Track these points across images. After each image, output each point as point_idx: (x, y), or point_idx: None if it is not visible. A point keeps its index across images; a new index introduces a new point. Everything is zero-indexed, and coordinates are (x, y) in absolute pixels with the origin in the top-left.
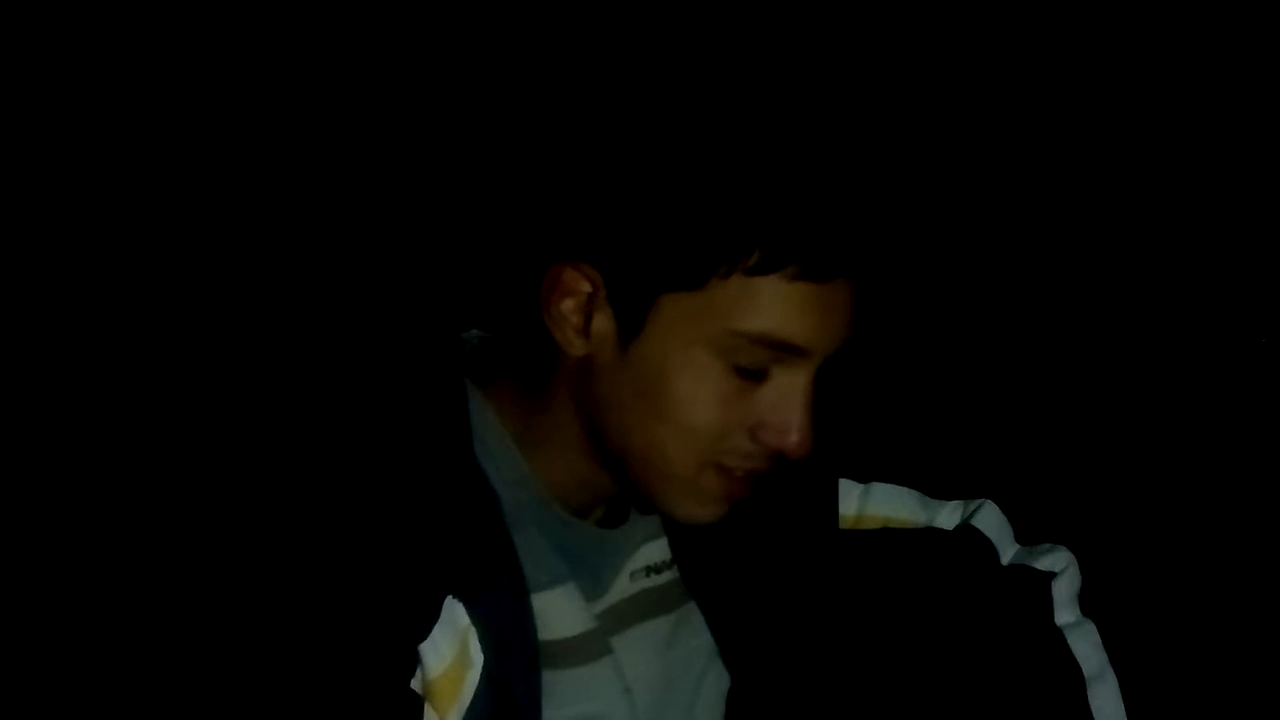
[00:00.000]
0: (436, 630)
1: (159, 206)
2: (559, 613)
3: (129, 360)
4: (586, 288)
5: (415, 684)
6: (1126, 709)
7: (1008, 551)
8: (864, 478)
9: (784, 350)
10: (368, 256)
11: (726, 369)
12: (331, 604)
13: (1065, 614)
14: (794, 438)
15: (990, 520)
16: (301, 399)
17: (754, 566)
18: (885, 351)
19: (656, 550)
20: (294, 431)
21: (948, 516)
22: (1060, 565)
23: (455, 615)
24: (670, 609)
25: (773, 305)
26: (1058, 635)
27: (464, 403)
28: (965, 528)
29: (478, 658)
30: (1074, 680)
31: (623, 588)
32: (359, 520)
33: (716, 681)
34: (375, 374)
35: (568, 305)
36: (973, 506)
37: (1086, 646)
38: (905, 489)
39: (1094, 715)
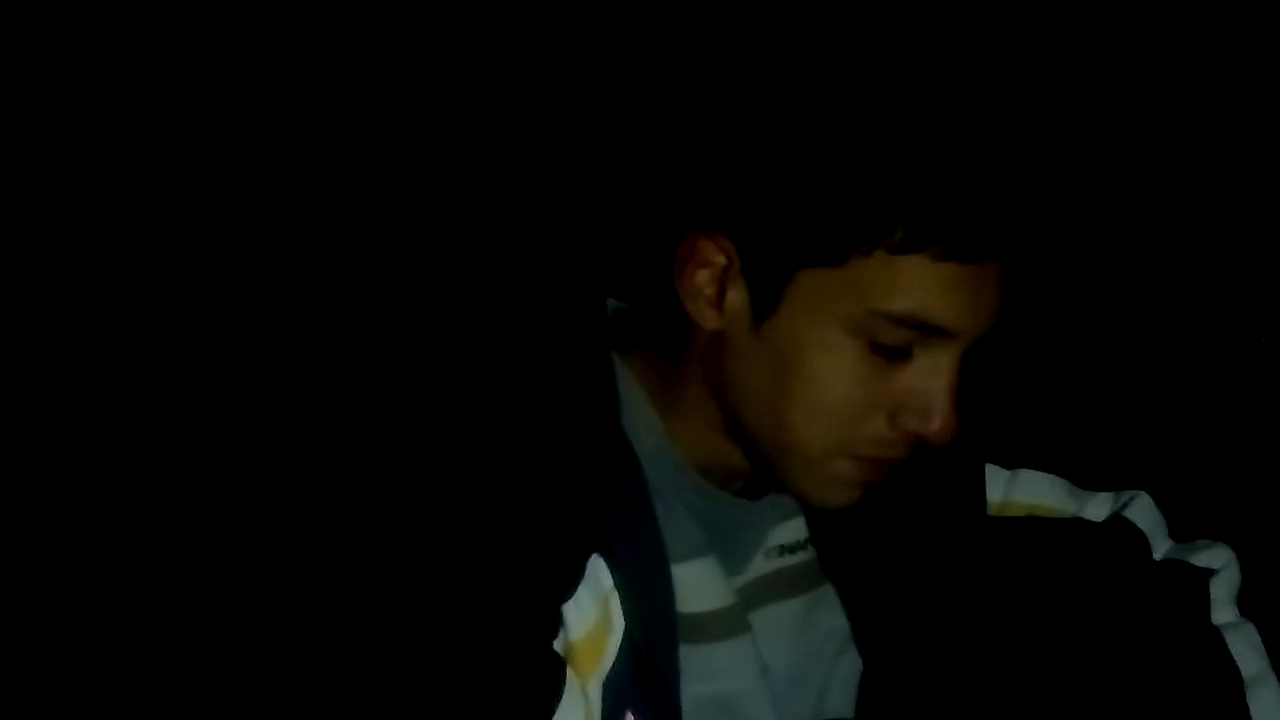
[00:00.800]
0: (581, 590)
1: (268, 183)
2: (699, 585)
3: (268, 335)
4: (721, 260)
5: (558, 645)
6: None
7: (1161, 546)
8: (1010, 464)
9: (928, 332)
10: (509, 224)
11: (864, 349)
12: (478, 563)
13: (1224, 613)
14: (936, 423)
15: (1144, 513)
16: (455, 367)
17: (893, 549)
18: (1037, 334)
19: (793, 529)
20: (448, 399)
21: (1097, 508)
22: (1219, 562)
23: (599, 576)
24: (805, 590)
25: (916, 285)
26: (1215, 635)
27: (610, 368)
28: (1117, 519)
29: (619, 623)
30: (1232, 683)
31: (759, 565)
32: (506, 480)
33: (849, 665)
34: (524, 339)
35: (701, 277)
36: (1125, 498)
37: (1246, 648)
38: (1054, 477)
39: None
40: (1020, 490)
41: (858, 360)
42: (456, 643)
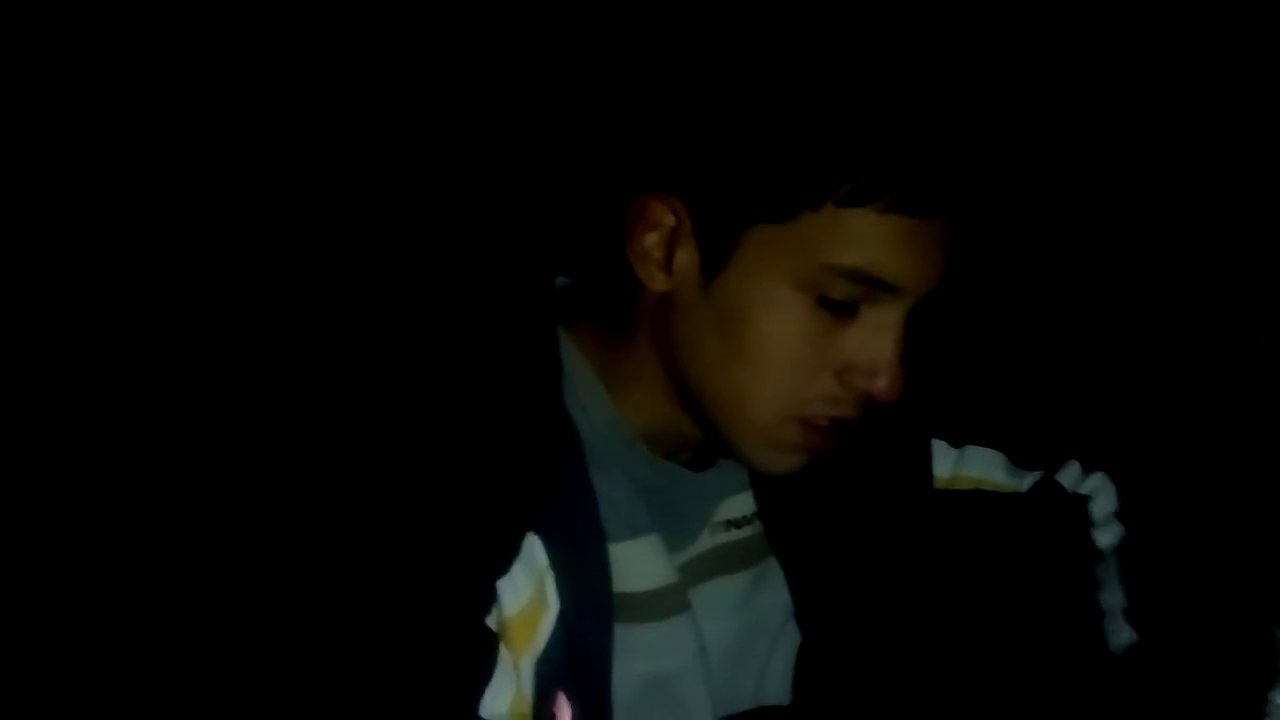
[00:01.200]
0: (516, 567)
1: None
2: (638, 565)
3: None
4: (671, 220)
5: (491, 621)
6: None
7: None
8: (958, 441)
9: (875, 286)
10: (455, 202)
11: (813, 305)
12: (413, 537)
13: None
14: (883, 381)
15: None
16: (398, 346)
17: (841, 524)
18: (987, 312)
19: (741, 504)
20: (390, 378)
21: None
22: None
23: (535, 554)
24: (750, 565)
25: (864, 239)
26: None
27: (554, 345)
28: (1049, 483)
29: (554, 602)
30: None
31: (706, 540)
32: (443, 458)
33: (790, 641)
34: (468, 316)
35: (651, 240)
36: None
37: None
38: (996, 453)
39: None
40: (968, 465)
41: (806, 316)
42: (389, 616)
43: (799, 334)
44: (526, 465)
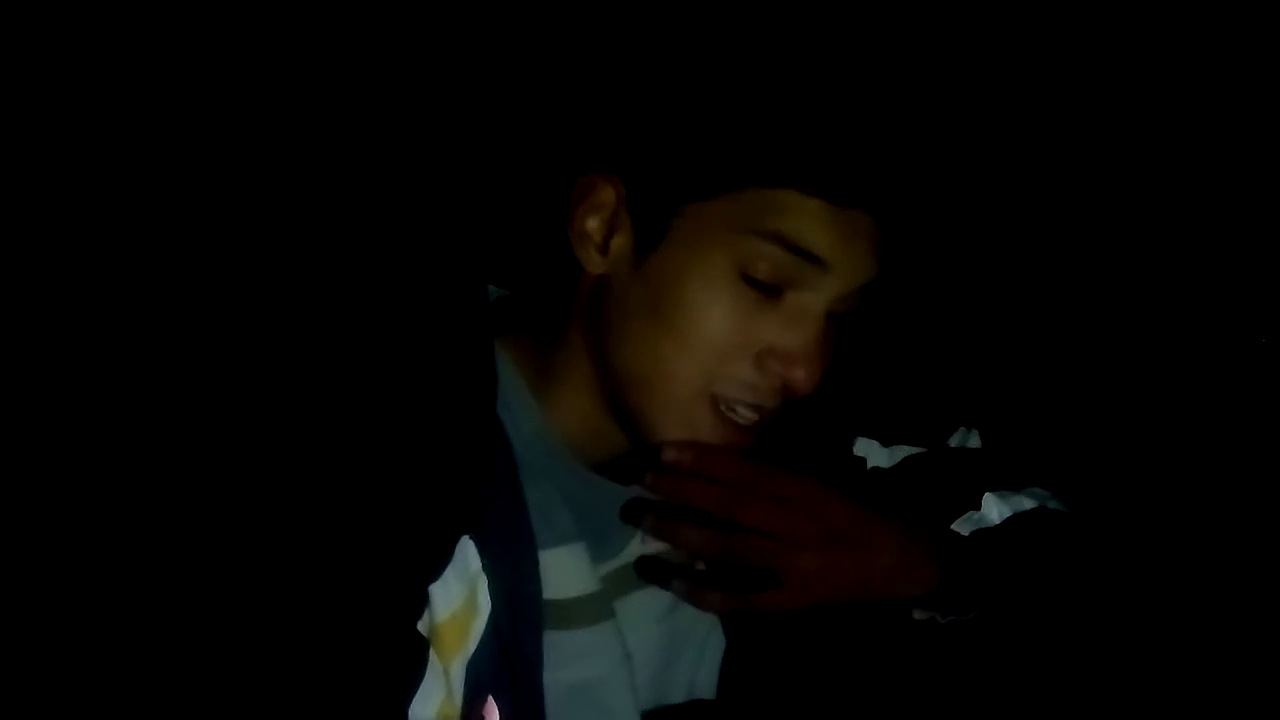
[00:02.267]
0: (449, 571)
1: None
2: (565, 572)
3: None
4: (610, 200)
5: (422, 625)
6: None
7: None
8: (887, 440)
9: (801, 256)
10: (389, 211)
11: (739, 282)
12: (344, 541)
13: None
14: (800, 372)
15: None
16: (333, 356)
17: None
18: (927, 318)
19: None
20: (326, 386)
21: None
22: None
23: (468, 558)
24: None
25: (791, 211)
26: None
27: (489, 355)
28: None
29: (485, 605)
30: None
31: (634, 550)
32: (377, 464)
33: (717, 648)
34: (403, 327)
35: (591, 222)
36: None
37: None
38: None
39: None
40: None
41: (733, 294)
42: (320, 619)
43: (724, 311)
44: (458, 473)
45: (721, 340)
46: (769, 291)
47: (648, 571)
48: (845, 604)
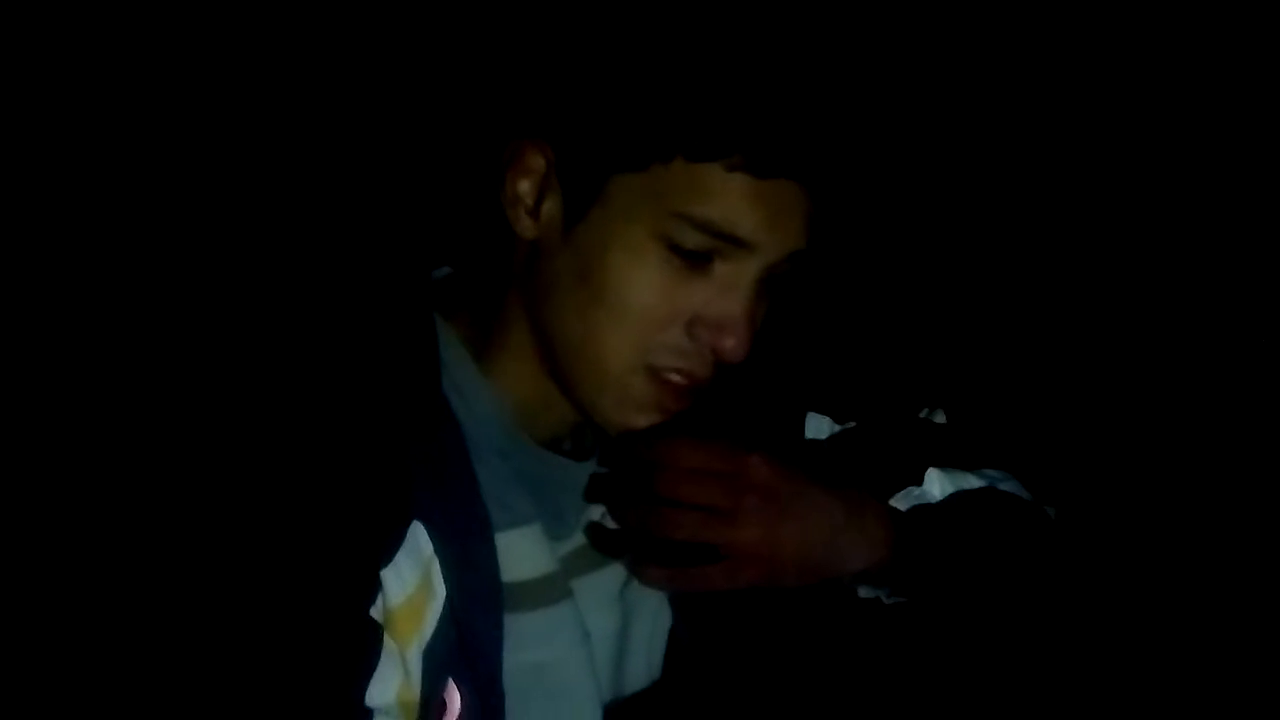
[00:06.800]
0: (400, 556)
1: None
2: (521, 553)
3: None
4: (541, 165)
5: (376, 611)
6: None
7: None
8: (841, 418)
9: (725, 240)
10: (331, 196)
11: (666, 253)
12: (294, 527)
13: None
14: (730, 341)
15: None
16: (276, 339)
17: None
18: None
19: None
20: (270, 371)
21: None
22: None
23: (420, 543)
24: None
25: (716, 192)
26: None
27: (433, 336)
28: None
29: (440, 590)
30: None
31: (590, 529)
32: (324, 448)
33: (664, 622)
34: (345, 308)
35: (523, 186)
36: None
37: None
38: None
39: None
40: None
41: (660, 264)
42: (271, 606)
43: (651, 281)
44: (407, 456)
45: (649, 309)
46: (697, 260)
47: (604, 545)
48: (791, 580)
